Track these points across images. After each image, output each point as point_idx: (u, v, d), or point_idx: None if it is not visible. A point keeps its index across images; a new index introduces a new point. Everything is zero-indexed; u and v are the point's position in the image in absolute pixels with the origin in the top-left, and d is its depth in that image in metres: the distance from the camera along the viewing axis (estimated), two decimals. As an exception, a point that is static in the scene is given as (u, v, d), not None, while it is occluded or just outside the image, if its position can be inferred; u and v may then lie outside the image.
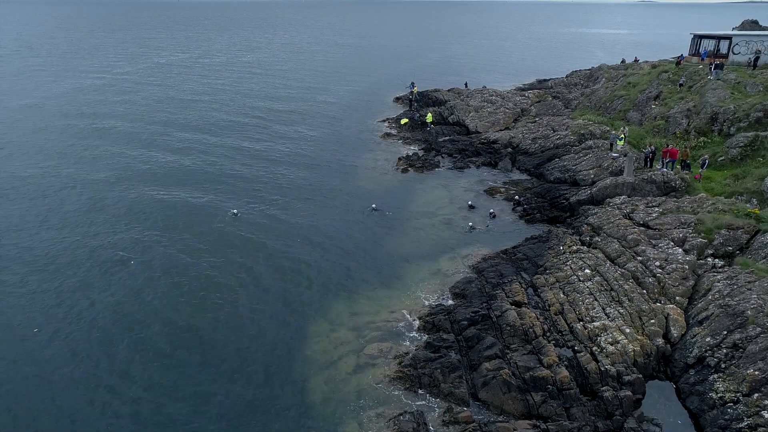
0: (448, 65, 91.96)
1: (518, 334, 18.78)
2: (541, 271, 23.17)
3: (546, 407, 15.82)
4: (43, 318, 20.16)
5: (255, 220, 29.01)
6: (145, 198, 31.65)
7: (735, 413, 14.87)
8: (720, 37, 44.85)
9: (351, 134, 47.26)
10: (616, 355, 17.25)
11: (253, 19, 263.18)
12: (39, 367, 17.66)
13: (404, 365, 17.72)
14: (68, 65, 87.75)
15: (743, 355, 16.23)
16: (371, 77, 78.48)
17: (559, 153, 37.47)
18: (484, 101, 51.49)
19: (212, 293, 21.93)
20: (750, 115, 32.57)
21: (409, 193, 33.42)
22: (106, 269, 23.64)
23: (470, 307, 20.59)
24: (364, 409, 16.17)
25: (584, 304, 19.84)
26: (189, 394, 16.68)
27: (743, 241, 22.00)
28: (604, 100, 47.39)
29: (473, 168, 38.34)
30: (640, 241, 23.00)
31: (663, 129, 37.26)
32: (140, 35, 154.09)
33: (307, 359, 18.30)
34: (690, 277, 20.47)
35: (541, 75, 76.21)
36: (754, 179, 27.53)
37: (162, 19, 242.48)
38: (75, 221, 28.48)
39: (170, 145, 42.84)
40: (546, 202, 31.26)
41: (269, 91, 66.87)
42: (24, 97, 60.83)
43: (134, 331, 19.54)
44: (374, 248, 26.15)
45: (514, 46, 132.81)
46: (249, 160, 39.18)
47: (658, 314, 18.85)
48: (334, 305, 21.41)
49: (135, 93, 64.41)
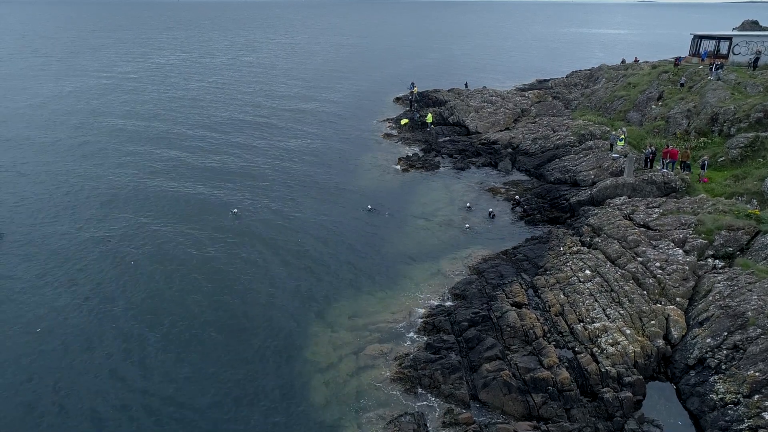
0: (448, 65, 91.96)
1: (518, 335, 18.77)
2: (542, 272, 23.16)
3: (546, 408, 15.81)
4: (48, 311, 20.19)
5: (255, 219, 28.98)
6: (153, 194, 31.71)
7: (735, 415, 14.87)
8: (720, 38, 44.84)
9: (351, 134, 47.25)
10: (617, 356, 17.24)
11: (253, 19, 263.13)
12: (55, 360, 17.70)
13: (404, 366, 17.71)
14: (71, 65, 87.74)
15: (744, 356, 16.23)
16: (371, 77, 78.48)
17: (560, 153, 37.46)
18: (484, 101, 51.47)
19: (212, 294, 21.92)
20: (750, 116, 32.56)
21: (409, 194, 33.41)
22: (109, 266, 23.69)
23: (470, 308, 20.59)
24: (364, 411, 16.16)
25: (585, 305, 19.83)
26: (188, 394, 16.68)
27: (744, 242, 22.00)
28: (604, 101, 47.37)
29: (473, 168, 38.32)
30: (641, 241, 22.99)
31: (663, 129, 37.25)
32: (141, 35, 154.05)
33: (307, 360, 18.28)
34: (690, 278, 20.47)
35: (541, 75, 76.20)
36: (754, 180, 27.52)
37: (162, 20, 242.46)
38: (83, 216, 28.58)
39: (171, 143, 42.85)
40: (546, 203, 31.25)
41: (269, 92, 66.85)
42: (30, 96, 60.81)
43: (129, 340, 19.53)
44: (374, 249, 26.14)
45: (514, 46, 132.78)
46: (248, 160, 39.14)
47: (659, 315, 18.84)
48: (334, 306, 21.40)
49: (137, 93, 64.38)
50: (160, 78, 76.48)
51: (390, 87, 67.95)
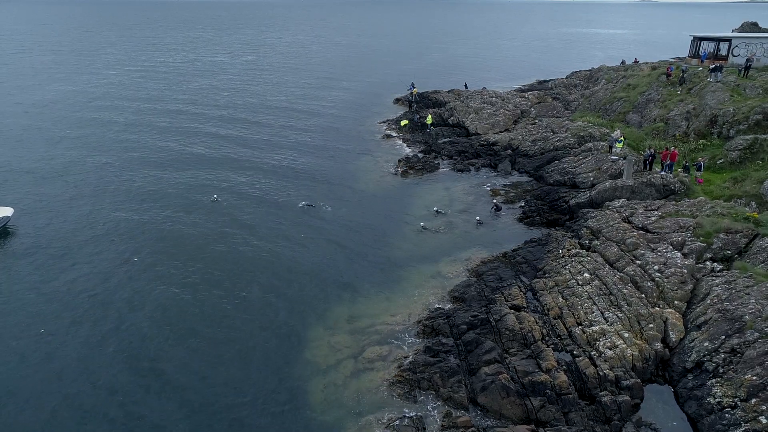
0: (448, 66, 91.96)
1: (517, 338, 18.83)
2: (541, 274, 23.21)
3: (544, 412, 15.87)
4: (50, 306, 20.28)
5: (252, 221, 29.05)
6: (153, 194, 31.77)
7: (733, 418, 14.92)
8: (719, 39, 44.88)
9: (351, 135, 47.30)
10: (615, 359, 17.30)
11: (253, 19, 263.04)
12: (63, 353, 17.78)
13: (403, 369, 17.77)
14: (84, 62, 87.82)
15: (741, 360, 16.28)
16: (371, 78, 78.49)
17: (559, 155, 37.51)
18: (483, 103, 51.53)
19: (211, 297, 21.98)
20: (749, 118, 32.60)
21: (408, 196, 33.46)
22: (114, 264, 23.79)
23: (469, 311, 20.65)
24: (362, 414, 16.22)
25: (583, 308, 19.88)
26: (187, 393, 16.74)
27: (742, 245, 22.04)
28: (603, 102, 47.40)
29: (473, 170, 38.37)
30: (639, 244, 23.05)
31: (662, 131, 37.28)
32: (146, 35, 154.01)
33: (306, 363, 18.34)
34: (689, 281, 20.52)
35: (541, 76, 76.25)
36: (753, 182, 27.55)
37: (165, 20, 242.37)
38: (95, 216, 28.71)
39: (159, 155, 42.92)
40: (545, 205, 31.30)
41: (269, 92, 66.89)
42: (37, 92, 60.91)
43: (127, 345, 19.61)
44: (373, 251, 26.19)
45: (514, 46, 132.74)
46: (248, 159, 39.20)
47: (657, 318, 18.90)
48: (333, 309, 21.46)
49: (139, 92, 64.42)
50: (159, 78, 76.45)
51: (390, 88, 67.99)
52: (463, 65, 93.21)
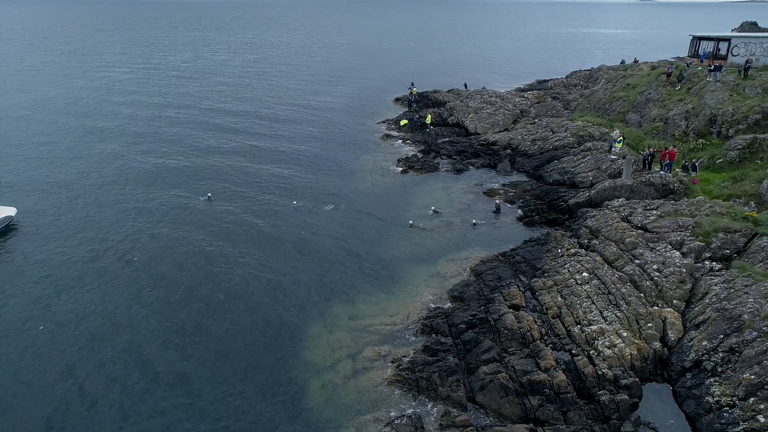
0: (448, 66, 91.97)
1: (516, 337, 18.85)
2: (540, 274, 23.23)
3: (543, 411, 15.89)
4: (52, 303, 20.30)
5: (251, 220, 29.06)
6: (147, 196, 31.78)
7: (731, 417, 14.94)
8: (719, 39, 44.89)
9: (350, 135, 47.30)
10: (614, 358, 17.32)
11: (253, 18, 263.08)
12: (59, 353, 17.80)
13: (402, 369, 17.78)
14: (85, 62, 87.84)
15: (740, 359, 16.29)
16: (371, 78, 78.48)
17: (558, 155, 37.54)
18: (483, 102, 51.52)
19: (210, 296, 22.00)
20: (748, 118, 32.62)
21: (408, 195, 33.46)
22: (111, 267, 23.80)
23: (468, 310, 20.67)
24: (361, 413, 16.23)
25: (582, 307, 19.90)
26: (186, 392, 16.76)
27: (741, 245, 22.05)
28: (603, 102, 47.43)
29: (472, 170, 38.39)
30: (638, 244, 23.06)
31: (662, 131, 37.31)
32: (142, 35, 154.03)
33: (304, 362, 18.35)
34: (687, 281, 20.54)
35: (540, 76, 76.20)
36: (752, 182, 27.58)
37: (165, 20, 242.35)
38: (94, 217, 28.70)
39: (162, 148, 42.93)
40: (545, 204, 31.32)
41: (269, 92, 66.88)
42: (37, 93, 60.93)
43: (125, 343, 19.62)
44: (372, 251, 26.20)
45: (514, 46, 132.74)
46: (248, 159, 39.22)
47: (656, 318, 18.92)
48: (331, 308, 21.47)
49: (138, 93, 64.43)
50: (158, 80, 76.47)
51: (389, 87, 67.98)
52: (463, 65, 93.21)
